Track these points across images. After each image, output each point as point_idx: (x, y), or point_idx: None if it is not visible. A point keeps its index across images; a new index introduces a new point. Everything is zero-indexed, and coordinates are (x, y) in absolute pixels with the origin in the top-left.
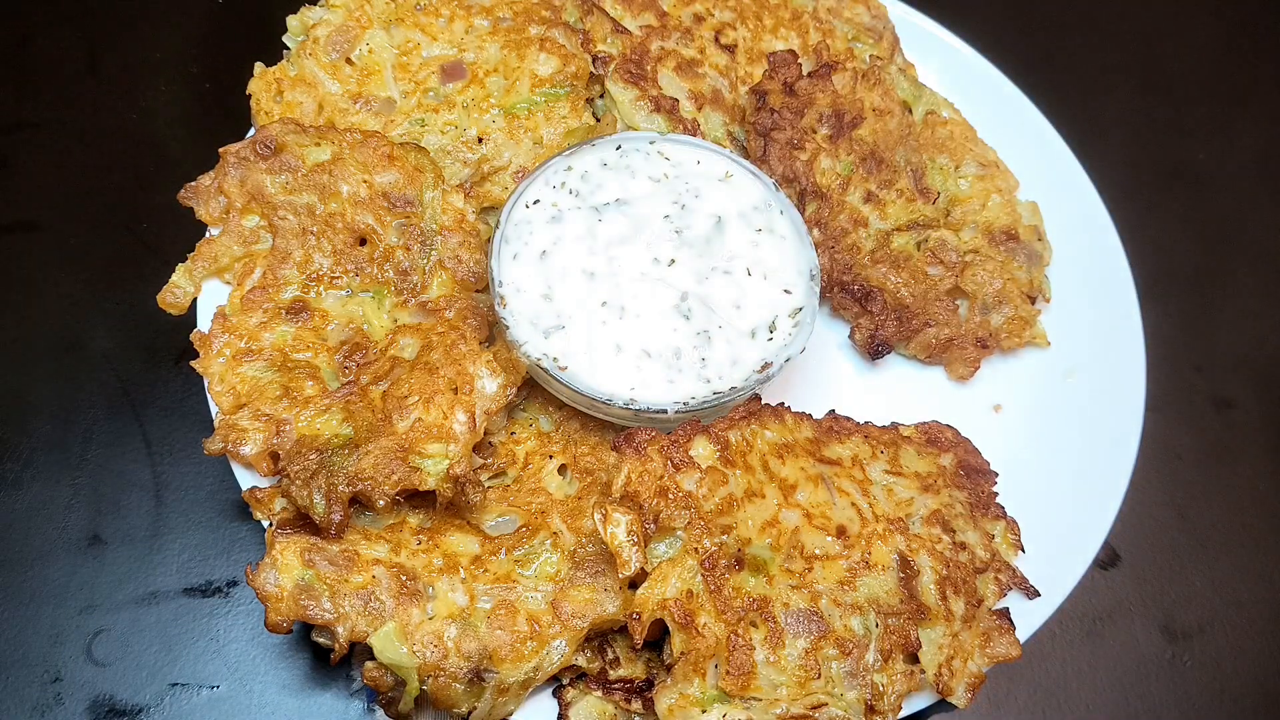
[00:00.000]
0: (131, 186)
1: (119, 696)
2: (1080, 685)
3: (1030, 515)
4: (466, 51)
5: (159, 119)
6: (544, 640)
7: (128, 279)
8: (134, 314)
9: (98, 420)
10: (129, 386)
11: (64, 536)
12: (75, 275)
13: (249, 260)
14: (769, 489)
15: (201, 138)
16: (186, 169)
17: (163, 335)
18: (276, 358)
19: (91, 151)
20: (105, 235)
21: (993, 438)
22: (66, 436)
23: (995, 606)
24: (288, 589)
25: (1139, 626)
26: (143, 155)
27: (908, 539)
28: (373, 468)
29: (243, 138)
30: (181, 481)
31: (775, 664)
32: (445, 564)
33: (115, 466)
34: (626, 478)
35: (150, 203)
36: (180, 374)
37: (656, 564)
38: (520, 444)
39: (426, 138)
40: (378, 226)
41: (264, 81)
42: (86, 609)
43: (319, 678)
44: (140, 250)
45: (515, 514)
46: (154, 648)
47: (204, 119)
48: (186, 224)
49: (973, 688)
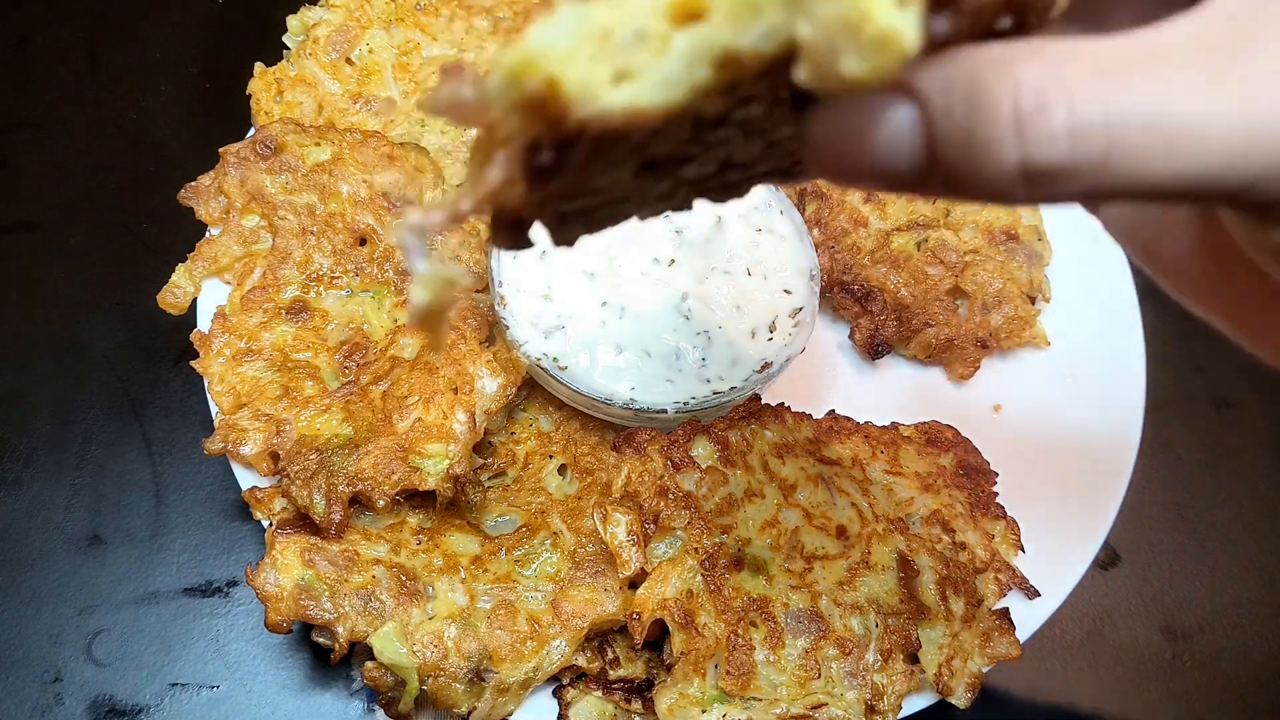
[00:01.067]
0: (131, 186)
1: (119, 696)
2: (1080, 685)
3: (1030, 515)
4: (467, 51)
5: (159, 119)
6: (544, 640)
7: (128, 279)
8: (134, 314)
9: (98, 420)
10: (129, 386)
11: (64, 536)
12: (75, 275)
13: (249, 260)
14: (769, 489)
15: (201, 138)
16: (186, 169)
17: (163, 335)
18: (276, 358)
19: (91, 151)
20: (105, 235)
21: (993, 438)
22: (66, 436)
23: (995, 606)
24: (288, 589)
25: (1139, 626)
26: (143, 155)
27: (907, 539)
28: (373, 468)
29: (243, 138)
30: (181, 481)
31: (775, 664)
32: (445, 564)
33: (115, 466)
34: (626, 478)
35: (150, 203)
36: (180, 374)
37: (656, 564)
38: (520, 444)
39: (426, 138)
40: (378, 227)
41: (264, 81)
42: (86, 609)
43: (319, 678)
44: (140, 250)
45: (515, 514)
46: (154, 648)
47: (204, 119)
48: (186, 224)
49: (973, 688)
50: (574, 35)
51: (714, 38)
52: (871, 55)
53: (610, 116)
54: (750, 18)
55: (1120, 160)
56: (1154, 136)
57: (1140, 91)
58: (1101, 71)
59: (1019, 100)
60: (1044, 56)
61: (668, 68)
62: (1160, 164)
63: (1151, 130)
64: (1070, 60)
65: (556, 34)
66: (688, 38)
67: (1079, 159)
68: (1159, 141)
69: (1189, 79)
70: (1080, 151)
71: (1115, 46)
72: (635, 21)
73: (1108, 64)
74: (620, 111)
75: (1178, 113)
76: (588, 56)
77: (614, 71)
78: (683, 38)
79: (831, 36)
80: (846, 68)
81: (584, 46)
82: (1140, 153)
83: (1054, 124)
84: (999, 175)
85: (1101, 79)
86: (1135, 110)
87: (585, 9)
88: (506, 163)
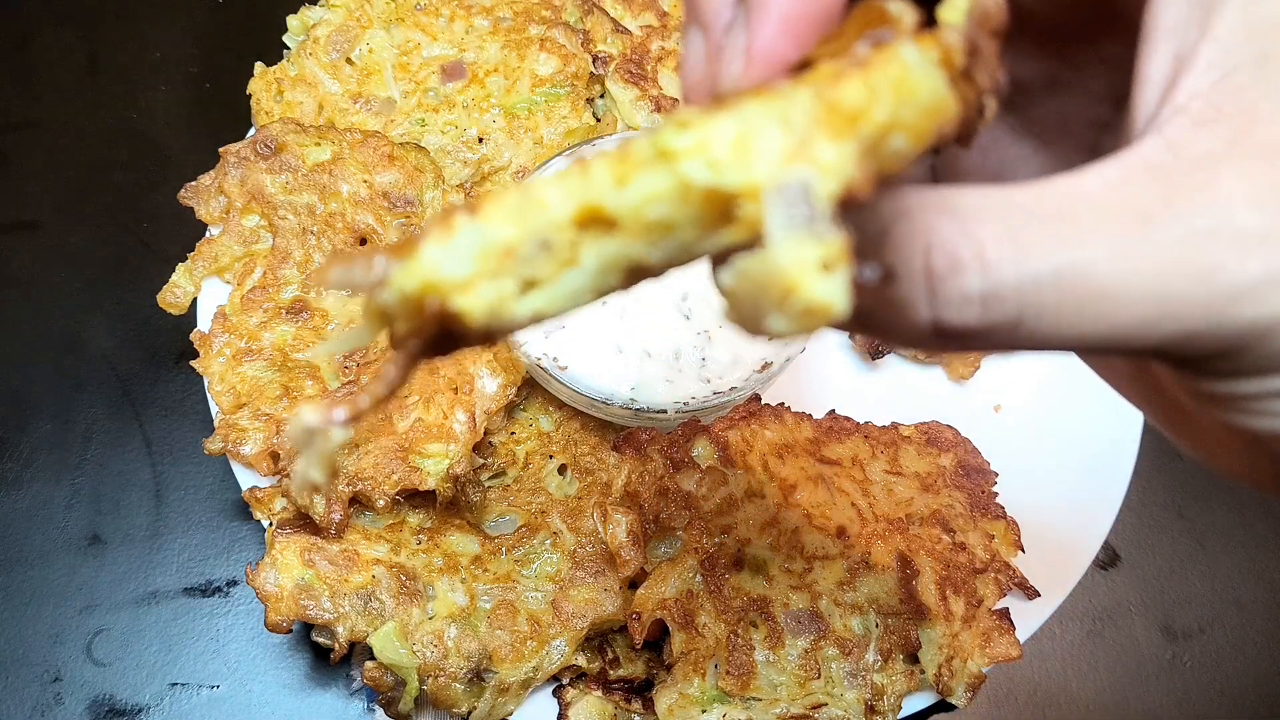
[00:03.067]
0: (131, 186)
1: (119, 696)
2: (1080, 685)
3: (1030, 515)
4: (466, 51)
5: (159, 119)
6: (544, 640)
7: (128, 279)
8: (134, 314)
9: (98, 420)
10: (129, 386)
11: (64, 536)
12: (75, 275)
13: (249, 260)
14: (769, 489)
15: (202, 137)
16: (186, 169)
17: (163, 335)
18: (276, 357)
19: (91, 151)
20: (105, 235)
21: (993, 438)
22: (66, 436)
23: (995, 606)
24: (288, 589)
25: (1139, 626)
26: (143, 155)
27: (907, 539)
28: (373, 467)
29: (243, 138)
30: (181, 481)
31: (775, 664)
32: (445, 564)
33: (115, 466)
34: (627, 478)
35: (150, 202)
36: (180, 374)
37: (656, 564)
38: (520, 444)
39: (427, 138)
40: (378, 226)
41: (264, 81)
42: (86, 609)
43: (319, 677)
44: (140, 250)
45: (515, 514)
46: (154, 647)
47: (204, 119)
48: (187, 224)
49: (973, 688)
50: (474, 258)
51: (625, 250)
52: (797, 321)
53: (514, 325)
54: (662, 235)
55: (1033, 321)
56: (1067, 299)
57: (1053, 253)
58: (1014, 231)
59: (930, 262)
60: (956, 214)
61: (576, 279)
62: (1074, 326)
63: (1064, 293)
64: (983, 218)
65: (454, 259)
66: (597, 251)
67: (991, 321)
68: (1072, 304)
69: (1103, 240)
70: (992, 314)
71: (1030, 201)
72: (540, 234)
73: (1020, 222)
74: (525, 320)
75: (1091, 274)
76: (489, 275)
77: (518, 282)
78: (591, 251)
79: (755, 296)
80: (770, 324)
81: (485, 265)
82: (1053, 315)
83: (966, 288)
84: (913, 332)
85: (1014, 239)
86: (1048, 272)
87: (485, 228)
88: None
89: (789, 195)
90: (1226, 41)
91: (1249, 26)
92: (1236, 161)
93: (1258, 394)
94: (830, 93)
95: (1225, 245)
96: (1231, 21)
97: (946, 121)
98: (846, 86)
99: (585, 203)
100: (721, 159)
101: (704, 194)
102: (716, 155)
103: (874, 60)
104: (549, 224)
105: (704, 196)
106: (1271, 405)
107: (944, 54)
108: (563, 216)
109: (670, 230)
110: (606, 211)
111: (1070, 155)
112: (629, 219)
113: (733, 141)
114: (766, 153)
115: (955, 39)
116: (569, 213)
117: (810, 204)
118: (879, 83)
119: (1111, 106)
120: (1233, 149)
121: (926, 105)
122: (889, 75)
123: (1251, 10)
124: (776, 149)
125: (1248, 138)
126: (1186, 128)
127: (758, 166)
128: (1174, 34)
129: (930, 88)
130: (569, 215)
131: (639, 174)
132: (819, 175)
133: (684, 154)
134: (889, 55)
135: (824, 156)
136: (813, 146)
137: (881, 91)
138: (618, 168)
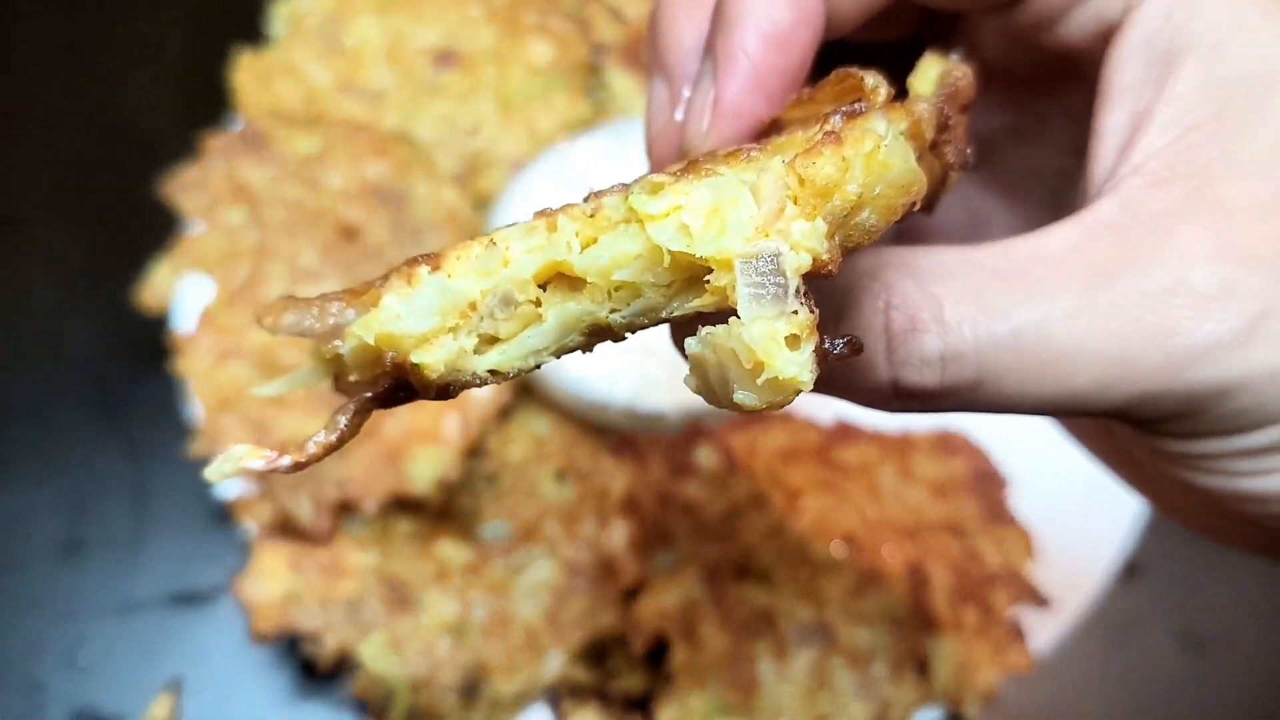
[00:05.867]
0: (111, 179)
1: (102, 705)
2: (1095, 697)
3: (1043, 524)
4: (460, 40)
5: (140, 108)
6: (539, 651)
7: (107, 276)
8: (115, 312)
9: (77, 422)
10: (109, 387)
11: (44, 541)
12: (53, 272)
13: (234, 256)
14: (774, 495)
15: (184, 128)
16: (169, 161)
17: (144, 334)
18: (262, 359)
19: (70, 143)
20: (84, 230)
21: (1005, 445)
22: (45, 439)
23: (1007, 616)
24: (274, 597)
25: (1156, 637)
26: (124, 147)
27: (917, 547)
28: (361, 473)
29: (228, 129)
30: (164, 485)
31: (780, 676)
32: (437, 572)
33: (96, 470)
34: (626, 484)
35: (131, 196)
36: (162, 374)
37: (657, 573)
38: (515, 447)
39: (418, 129)
40: (368, 220)
41: (250, 71)
42: (67, 616)
43: (306, 688)
44: (120, 246)
45: (509, 521)
46: (137, 655)
47: (188, 109)
48: (169, 218)
49: (984, 699)
50: (435, 312)
51: (589, 310)
52: (762, 394)
53: (470, 381)
54: (628, 298)
55: (993, 383)
56: (1026, 360)
57: (1012, 313)
58: (973, 292)
59: (890, 322)
60: (916, 274)
61: (537, 338)
62: (1034, 388)
63: (1023, 354)
64: (942, 278)
65: (415, 313)
66: (559, 312)
67: (951, 382)
68: (1032, 366)
69: (1062, 300)
70: (951, 376)
71: (991, 261)
72: (503, 290)
73: (980, 282)
74: (482, 376)
75: (1049, 335)
76: (449, 330)
77: (478, 339)
78: (554, 312)
79: (722, 366)
80: (737, 397)
81: (446, 320)
82: (1012, 377)
83: (925, 349)
84: (872, 392)
85: (973, 300)
86: (1006, 333)
87: (447, 281)
88: (356, 410)
89: (760, 267)
90: (1183, 102)
91: (1206, 86)
92: (1192, 220)
93: (1215, 453)
94: (804, 165)
95: (1181, 305)
96: (1188, 82)
97: (915, 196)
98: (820, 160)
99: (551, 260)
100: (694, 227)
101: (674, 261)
102: (689, 223)
103: (847, 135)
104: (513, 280)
105: (674, 263)
106: (1230, 464)
107: (913, 126)
108: (527, 273)
109: (636, 293)
110: (573, 270)
111: (1038, 206)
112: (596, 279)
113: (706, 210)
114: (739, 224)
115: (926, 111)
116: (534, 270)
117: (781, 277)
118: (852, 158)
119: (1074, 157)
120: (1188, 208)
121: (897, 182)
122: (861, 150)
123: (1208, 71)
124: (749, 221)
125: (1203, 196)
126: (1143, 187)
127: (730, 237)
128: (1130, 93)
129: (902, 165)
130: (534, 272)
131: (608, 235)
132: (790, 250)
133: (655, 219)
134: (863, 130)
135: (796, 231)
136: (785, 220)
137: (854, 167)
138: (587, 227)
